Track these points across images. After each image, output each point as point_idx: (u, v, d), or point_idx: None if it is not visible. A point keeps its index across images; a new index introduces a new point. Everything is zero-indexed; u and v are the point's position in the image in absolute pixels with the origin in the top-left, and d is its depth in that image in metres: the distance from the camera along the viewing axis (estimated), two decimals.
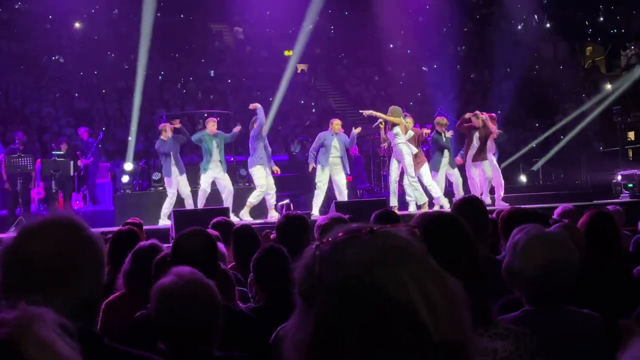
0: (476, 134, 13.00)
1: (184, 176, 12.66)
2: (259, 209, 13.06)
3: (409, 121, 12.82)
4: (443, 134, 13.18)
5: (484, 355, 1.94)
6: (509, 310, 2.75)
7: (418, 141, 12.92)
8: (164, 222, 12.19)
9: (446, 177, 13.60)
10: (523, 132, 23.66)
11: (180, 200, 12.70)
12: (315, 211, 12.46)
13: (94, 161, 16.14)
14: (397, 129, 12.26)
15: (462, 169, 13.53)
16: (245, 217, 12.20)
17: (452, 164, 13.45)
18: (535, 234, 2.68)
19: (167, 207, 12.42)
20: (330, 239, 1.05)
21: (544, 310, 2.62)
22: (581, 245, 3.85)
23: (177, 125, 12.80)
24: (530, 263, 2.61)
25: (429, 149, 13.67)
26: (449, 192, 13.89)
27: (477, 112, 13.24)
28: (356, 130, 12.95)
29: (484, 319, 2.02)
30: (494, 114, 13.78)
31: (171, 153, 12.45)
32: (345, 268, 0.99)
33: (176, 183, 12.56)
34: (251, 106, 12.49)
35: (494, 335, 2.03)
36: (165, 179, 12.72)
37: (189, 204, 12.53)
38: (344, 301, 0.97)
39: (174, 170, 12.50)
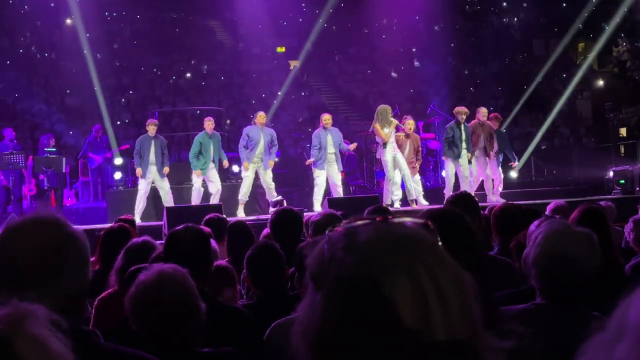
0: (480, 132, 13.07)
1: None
2: (252, 205, 13.09)
3: (411, 122, 12.89)
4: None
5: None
6: (512, 303, 2.73)
7: (417, 149, 12.93)
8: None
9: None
10: (515, 128, 23.70)
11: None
12: (317, 207, 12.45)
13: (110, 158, 16.10)
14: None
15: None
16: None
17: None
18: (557, 228, 2.63)
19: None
20: (343, 225, 1.04)
21: (554, 306, 2.57)
22: None
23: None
24: (544, 255, 2.57)
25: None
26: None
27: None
28: (352, 146, 13.04)
29: (488, 317, 1.99)
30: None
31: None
32: (355, 254, 0.97)
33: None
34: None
35: (498, 334, 2.00)
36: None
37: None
38: (351, 288, 0.95)
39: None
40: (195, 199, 12.64)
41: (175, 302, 2.45)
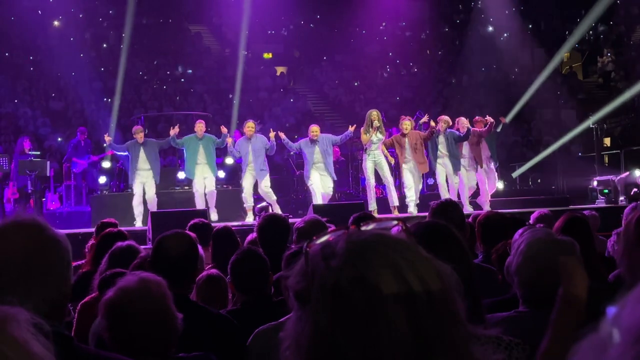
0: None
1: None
2: (236, 211, 13.07)
3: (407, 123, 12.72)
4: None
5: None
6: (495, 311, 2.74)
7: (417, 146, 12.78)
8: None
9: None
10: (499, 137, 23.77)
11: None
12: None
13: (95, 162, 16.05)
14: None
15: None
16: None
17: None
18: (539, 237, 2.65)
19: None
20: (318, 239, 1.06)
21: (537, 313, 2.57)
22: None
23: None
24: (526, 264, 2.59)
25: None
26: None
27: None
28: (351, 128, 12.87)
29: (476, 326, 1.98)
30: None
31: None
32: (335, 261, 1.00)
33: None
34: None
35: (486, 343, 2.00)
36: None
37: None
38: (337, 293, 0.97)
39: None
40: (199, 204, 12.67)
41: (155, 310, 2.44)
